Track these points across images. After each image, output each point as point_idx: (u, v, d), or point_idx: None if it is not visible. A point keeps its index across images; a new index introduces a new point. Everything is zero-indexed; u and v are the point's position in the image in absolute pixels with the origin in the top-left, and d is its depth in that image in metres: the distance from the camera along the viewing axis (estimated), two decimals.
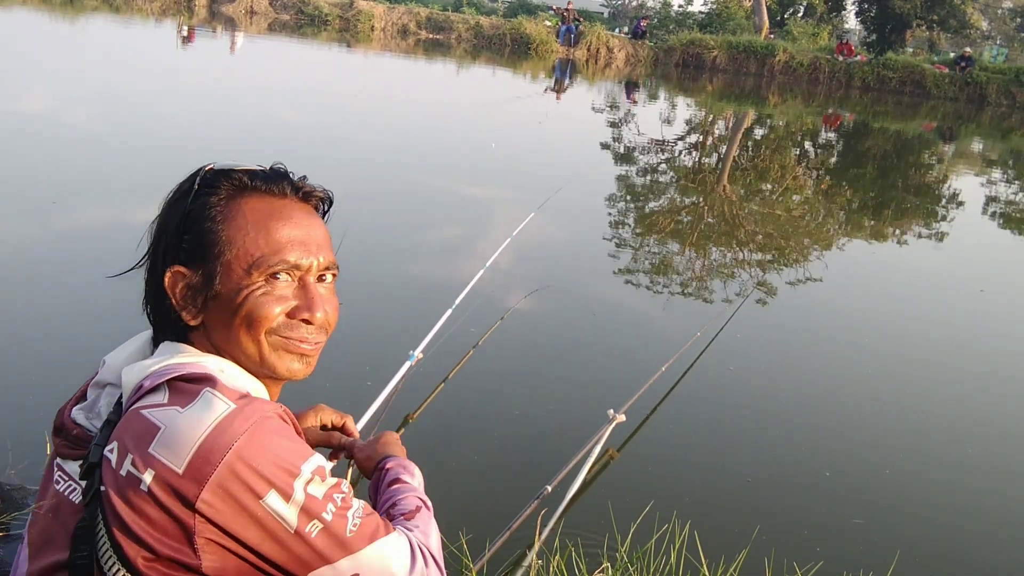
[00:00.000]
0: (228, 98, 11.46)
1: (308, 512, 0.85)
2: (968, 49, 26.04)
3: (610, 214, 7.51)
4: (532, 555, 2.31)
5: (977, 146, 17.25)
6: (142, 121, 8.87)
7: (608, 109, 15.98)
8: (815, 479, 3.35)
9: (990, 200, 10.95)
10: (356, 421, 2.55)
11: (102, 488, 0.85)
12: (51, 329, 3.73)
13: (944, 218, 9.44)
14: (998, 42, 34.56)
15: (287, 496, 0.84)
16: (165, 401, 0.86)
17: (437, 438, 3.27)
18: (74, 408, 0.96)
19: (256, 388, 0.97)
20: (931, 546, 3.00)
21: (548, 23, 26.85)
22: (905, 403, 4.23)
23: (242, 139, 8.72)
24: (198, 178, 0.99)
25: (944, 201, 10.53)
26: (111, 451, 0.86)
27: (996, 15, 39.16)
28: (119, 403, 0.91)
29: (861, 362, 4.69)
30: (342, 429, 1.30)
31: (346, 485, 0.92)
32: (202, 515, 0.82)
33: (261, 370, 0.98)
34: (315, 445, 1.24)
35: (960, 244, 8.27)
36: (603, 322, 4.90)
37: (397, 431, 3.16)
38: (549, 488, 2.51)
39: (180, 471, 0.82)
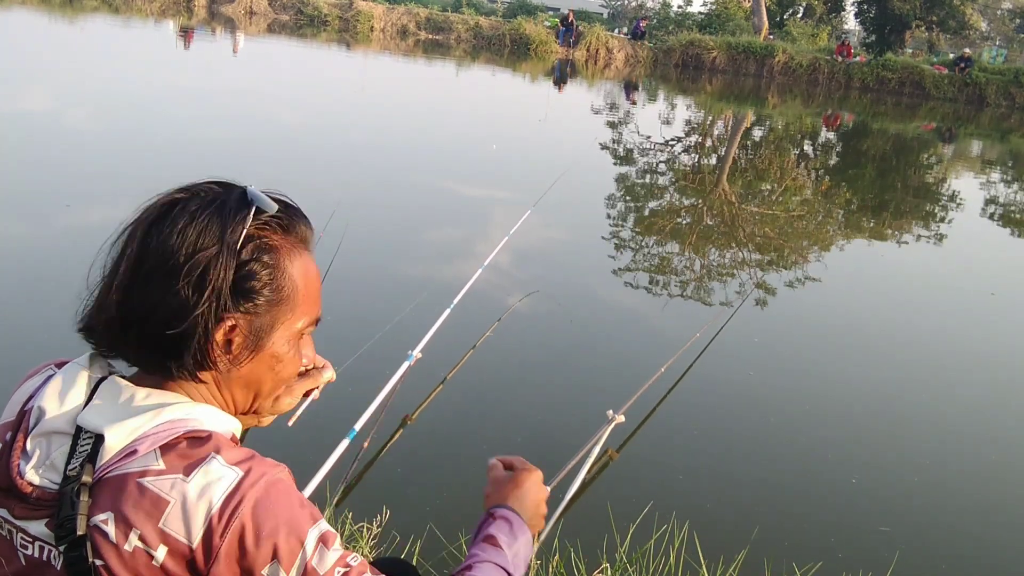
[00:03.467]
0: (236, 98, 11.46)
1: None
2: (967, 50, 26.07)
3: (609, 214, 7.51)
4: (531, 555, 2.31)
5: (976, 147, 17.26)
6: (152, 123, 8.86)
7: (607, 110, 15.98)
8: (815, 479, 3.35)
9: (991, 201, 10.95)
10: (355, 421, 2.56)
11: (97, 562, 0.83)
12: (52, 329, 3.73)
13: (944, 219, 9.44)
14: (997, 43, 34.61)
15: (288, 565, 0.84)
16: (164, 468, 0.83)
17: (436, 439, 3.27)
18: (19, 463, 0.87)
19: (237, 427, 0.95)
20: (931, 547, 2.99)
21: (548, 24, 26.89)
22: (908, 404, 4.23)
23: (245, 139, 8.72)
24: (250, 214, 0.89)
25: (944, 202, 10.54)
26: (105, 523, 0.82)
27: (995, 16, 39.19)
28: (76, 454, 0.85)
29: (865, 364, 4.69)
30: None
31: (354, 558, 0.89)
32: None
33: (241, 411, 0.97)
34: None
35: (964, 246, 8.27)
36: (602, 323, 4.90)
37: (396, 432, 3.17)
38: (548, 488, 2.50)
39: (194, 545, 0.82)
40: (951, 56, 27.00)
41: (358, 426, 2.57)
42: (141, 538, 0.82)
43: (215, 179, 0.94)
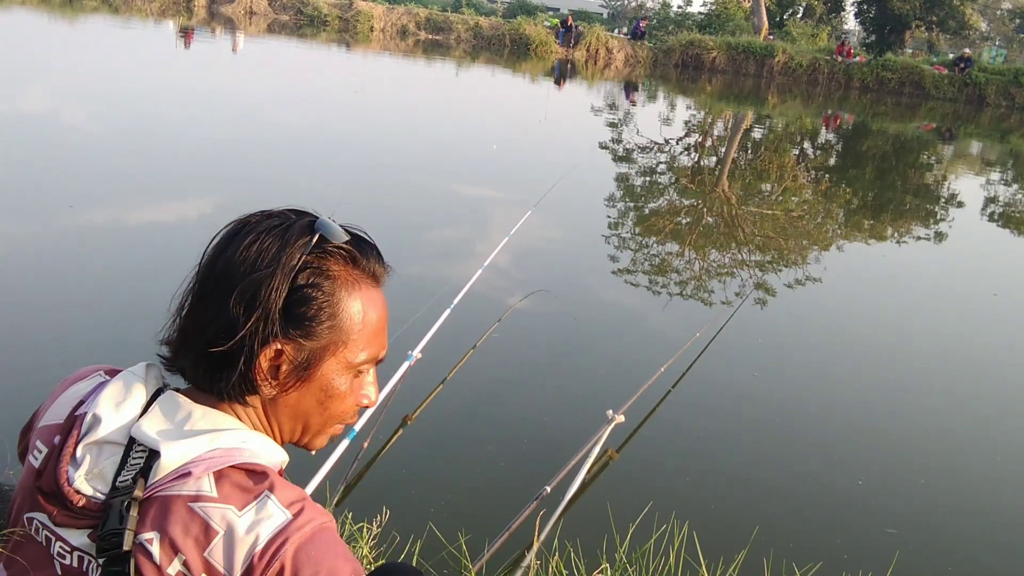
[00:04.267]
0: (235, 98, 11.46)
1: None
2: (967, 50, 26.08)
3: (609, 215, 7.51)
4: (531, 556, 2.31)
5: (976, 147, 17.27)
6: (152, 123, 8.86)
7: (607, 110, 15.98)
8: (816, 480, 3.35)
9: (992, 201, 10.95)
10: (355, 421, 2.56)
11: None
12: (50, 326, 3.73)
13: (945, 219, 9.44)
14: (997, 43, 34.62)
15: None
16: (216, 496, 0.83)
17: (436, 439, 3.27)
18: (68, 470, 0.86)
19: (284, 458, 0.95)
20: (937, 549, 2.99)
21: (547, 24, 26.91)
22: (912, 406, 4.23)
23: (245, 139, 8.71)
24: (312, 240, 0.89)
25: (945, 202, 10.54)
26: (151, 542, 0.81)
27: (995, 16, 39.20)
28: (127, 466, 0.85)
29: (867, 365, 4.69)
30: None
31: None
32: None
33: (288, 441, 0.97)
34: None
35: (966, 246, 8.27)
36: (602, 323, 4.90)
37: (396, 432, 3.17)
38: (548, 489, 2.50)
39: None
40: (951, 56, 27.01)
41: (358, 426, 2.57)
42: (185, 564, 0.81)
43: (293, 207, 0.94)
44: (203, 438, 0.86)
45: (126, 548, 0.81)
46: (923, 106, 22.58)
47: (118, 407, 0.88)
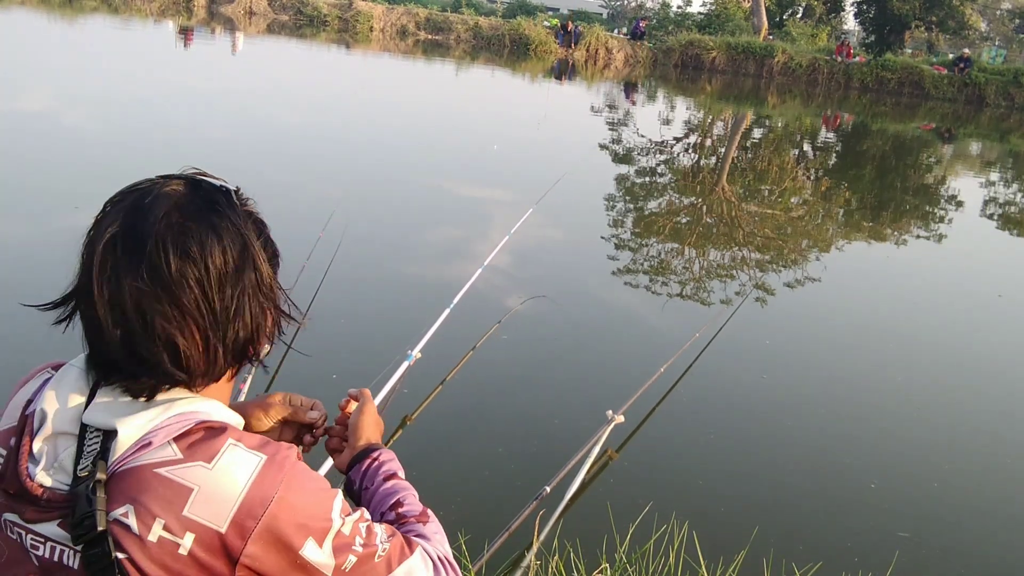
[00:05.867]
0: (235, 98, 11.46)
1: (341, 550, 0.89)
2: (966, 50, 26.08)
3: (609, 215, 7.51)
4: (531, 556, 2.31)
5: (976, 147, 17.27)
6: (153, 124, 8.86)
7: (607, 110, 15.98)
8: (813, 479, 3.35)
9: (993, 202, 10.95)
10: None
11: (120, 556, 0.82)
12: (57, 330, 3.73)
13: (945, 219, 9.44)
14: (996, 43, 34.61)
15: (322, 540, 0.87)
16: (181, 457, 0.84)
17: (436, 439, 3.27)
18: (28, 467, 0.87)
19: (240, 421, 0.96)
20: (949, 551, 2.99)
21: (547, 24, 26.92)
22: (913, 405, 4.23)
23: (245, 139, 8.71)
24: (237, 202, 0.98)
25: (945, 202, 10.54)
26: (126, 516, 0.82)
27: (995, 16, 39.21)
28: (84, 453, 0.85)
29: (870, 366, 4.69)
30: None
31: (366, 512, 0.95)
32: (245, 567, 0.84)
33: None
34: (286, 420, 1.21)
35: (968, 247, 8.26)
36: (602, 323, 4.90)
37: (395, 432, 3.17)
38: (548, 489, 2.50)
39: (223, 530, 0.82)
40: (950, 56, 27.01)
41: None
42: (165, 527, 0.82)
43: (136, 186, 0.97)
44: (156, 409, 0.87)
45: (100, 528, 0.81)
46: (923, 106, 22.58)
47: (64, 398, 0.90)
